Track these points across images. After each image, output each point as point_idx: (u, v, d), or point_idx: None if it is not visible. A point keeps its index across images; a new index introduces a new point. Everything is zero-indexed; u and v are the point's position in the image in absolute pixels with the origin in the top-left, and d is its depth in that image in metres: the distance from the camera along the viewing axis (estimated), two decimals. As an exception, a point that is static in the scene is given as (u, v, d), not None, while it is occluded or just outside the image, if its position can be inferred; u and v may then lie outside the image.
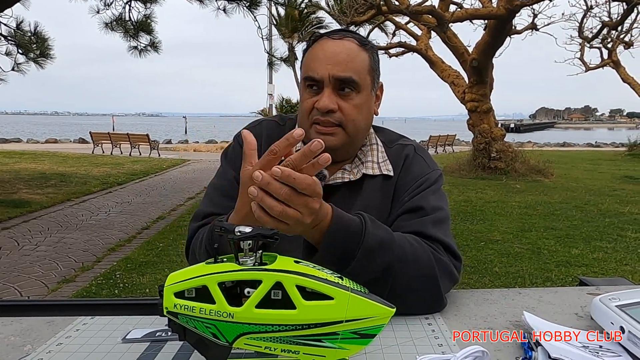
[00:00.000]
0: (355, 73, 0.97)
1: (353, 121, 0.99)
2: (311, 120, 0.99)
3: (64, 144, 23.70)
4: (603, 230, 6.07)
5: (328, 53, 0.97)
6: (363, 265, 0.82)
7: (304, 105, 1.00)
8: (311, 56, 1.00)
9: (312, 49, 1.01)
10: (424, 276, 0.87)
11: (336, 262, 0.81)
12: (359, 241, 0.82)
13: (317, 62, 0.98)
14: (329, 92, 0.97)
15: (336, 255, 0.81)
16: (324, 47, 0.99)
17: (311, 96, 0.99)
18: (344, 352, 0.63)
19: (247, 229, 0.61)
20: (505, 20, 9.87)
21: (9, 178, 10.00)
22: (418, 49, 13.40)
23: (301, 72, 1.04)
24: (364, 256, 0.82)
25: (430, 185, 1.02)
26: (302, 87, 1.02)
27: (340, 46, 0.98)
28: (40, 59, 10.38)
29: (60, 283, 4.19)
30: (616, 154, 18.77)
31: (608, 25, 13.97)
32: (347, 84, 0.97)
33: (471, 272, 4.38)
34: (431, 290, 0.88)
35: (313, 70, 0.97)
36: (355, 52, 0.98)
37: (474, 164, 11.77)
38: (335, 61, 0.96)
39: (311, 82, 0.99)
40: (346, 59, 0.97)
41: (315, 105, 0.97)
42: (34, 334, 0.82)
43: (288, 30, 18.18)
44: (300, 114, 1.03)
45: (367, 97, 1.01)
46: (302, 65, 1.03)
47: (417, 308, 0.88)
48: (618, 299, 0.78)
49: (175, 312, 0.61)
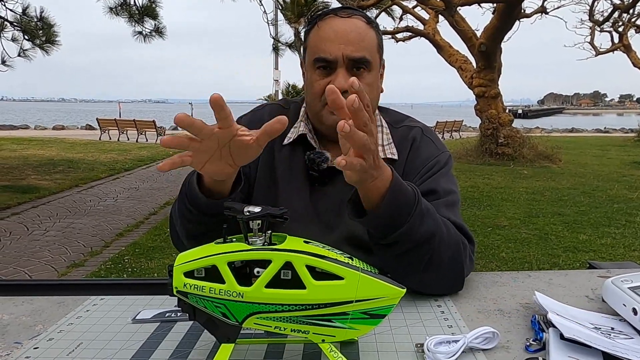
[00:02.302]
0: (367, 52, 0.95)
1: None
2: (324, 102, 0.97)
3: (71, 131, 23.79)
4: (611, 216, 6.03)
5: (339, 32, 0.95)
6: (415, 227, 0.81)
7: (315, 86, 0.97)
8: (320, 36, 0.97)
9: (318, 28, 0.98)
10: (455, 253, 0.87)
11: (390, 221, 0.79)
12: (415, 201, 0.81)
13: (329, 42, 0.95)
14: (343, 72, 0.94)
15: (395, 212, 0.79)
16: (333, 27, 0.96)
17: (322, 77, 0.96)
18: (353, 332, 0.63)
19: (257, 209, 0.61)
20: (514, 3, 9.72)
21: (17, 164, 10.07)
22: (425, 33, 13.25)
23: (306, 53, 1.01)
24: (417, 217, 0.81)
25: (441, 168, 1.01)
26: (310, 68, 0.99)
27: (351, 25, 0.96)
28: (46, 45, 10.38)
29: (70, 267, 4.24)
30: (625, 140, 18.56)
31: (619, 8, 13.73)
32: (361, 64, 0.95)
33: (478, 258, 4.38)
34: (457, 269, 0.88)
35: (324, 51, 0.95)
36: (365, 31, 0.97)
37: (482, 149, 11.70)
38: (348, 40, 0.94)
39: (323, 64, 0.96)
40: (358, 37, 0.95)
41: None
42: (45, 314, 0.83)
43: (294, 15, 17.99)
44: (310, 95, 1.00)
45: (376, 75, 1.00)
46: (308, 46, 1.00)
47: (442, 285, 0.89)
48: (630, 280, 0.77)
49: (185, 291, 0.61)
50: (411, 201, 0.80)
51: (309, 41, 1.00)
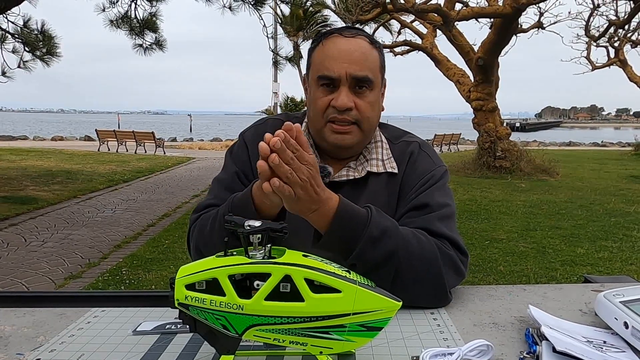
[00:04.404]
0: (370, 71, 0.98)
1: (368, 118, 1.00)
2: (326, 118, 1.00)
3: (70, 142, 23.80)
4: (609, 229, 6.05)
5: (343, 52, 0.97)
6: (367, 251, 0.85)
7: (318, 103, 1.00)
8: (324, 54, 0.99)
9: (322, 46, 1.01)
10: (427, 267, 0.88)
11: (341, 246, 0.84)
12: (365, 226, 0.84)
13: (333, 60, 0.97)
14: (346, 90, 0.97)
15: (342, 239, 0.84)
16: (337, 45, 0.99)
17: (325, 94, 0.99)
18: (351, 344, 0.64)
19: (257, 223, 0.63)
20: (511, 18, 9.83)
21: (16, 175, 10.07)
22: (423, 47, 13.37)
23: (310, 70, 1.04)
24: (368, 241, 0.84)
25: (436, 182, 1.03)
26: (314, 85, 1.01)
27: (355, 44, 0.98)
28: (46, 57, 10.44)
29: (67, 279, 4.22)
30: (622, 154, 18.66)
31: (615, 24, 13.89)
32: (363, 83, 0.98)
33: (476, 271, 4.38)
34: (435, 282, 0.89)
35: (328, 69, 0.97)
36: (368, 51, 0.99)
37: (479, 162, 11.74)
38: (351, 60, 0.97)
39: (326, 81, 0.98)
40: (361, 57, 0.98)
41: (333, 103, 0.98)
42: (47, 326, 0.84)
43: (293, 28, 18.17)
44: (313, 112, 1.02)
45: (378, 94, 1.03)
46: (313, 63, 1.03)
47: (421, 300, 0.89)
48: (622, 295, 0.79)
49: (186, 303, 0.62)
50: (360, 227, 0.85)
51: (313, 59, 1.03)
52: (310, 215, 0.83)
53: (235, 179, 1.06)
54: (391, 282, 0.86)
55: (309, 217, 0.83)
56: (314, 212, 0.82)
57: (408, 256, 0.87)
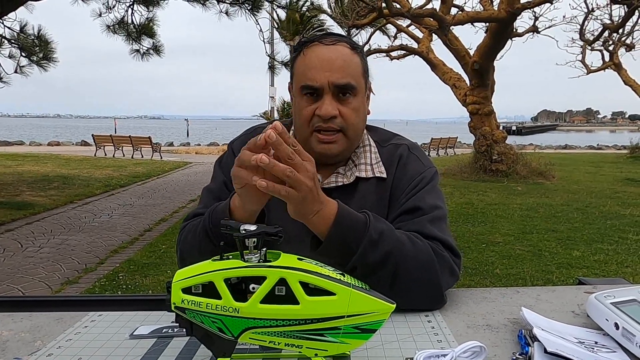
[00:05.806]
0: (352, 78, 0.98)
1: (353, 125, 1.00)
2: (312, 128, 1.00)
3: (67, 147, 23.77)
4: (604, 232, 6.08)
5: (324, 61, 0.97)
6: (368, 254, 0.85)
7: (303, 113, 1.00)
8: (305, 63, 0.99)
9: (304, 56, 1.00)
10: (424, 269, 0.89)
11: (342, 250, 0.84)
12: (365, 229, 0.85)
13: (314, 70, 0.97)
14: (329, 98, 0.97)
15: (344, 243, 0.84)
16: (318, 54, 0.98)
17: (309, 104, 0.99)
18: (345, 346, 0.65)
19: (252, 227, 0.63)
20: (506, 23, 9.89)
21: (12, 180, 10.04)
22: (419, 51, 13.43)
23: (293, 80, 1.03)
24: (368, 244, 0.85)
25: (426, 185, 1.03)
26: (298, 95, 1.01)
27: (335, 52, 0.98)
28: (43, 62, 10.43)
29: (64, 284, 4.22)
30: (618, 157, 18.74)
31: (609, 27, 14.00)
32: (346, 90, 0.98)
33: (472, 274, 4.39)
34: (432, 283, 0.90)
35: (310, 79, 0.97)
36: (349, 57, 0.99)
37: (476, 166, 11.78)
38: (333, 68, 0.97)
39: (309, 91, 0.99)
40: (343, 65, 0.97)
41: (317, 112, 0.98)
42: (44, 330, 0.85)
43: (289, 33, 18.20)
44: (299, 122, 1.02)
45: (362, 99, 1.03)
46: (295, 73, 1.02)
47: (418, 302, 0.90)
48: (613, 296, 0.80)
49: (182, 307, 0.63)
50: (361, 230, 0.85)
51: (295, 68, 1.03)
52: (312, 218, 0.82)
53: (223, 188, 1.06)
54: (389, 285, 0.87)
55: (311, 220, 0.82)
56: (316, 214, 0.81)
57: (404, 259, 0.88)
